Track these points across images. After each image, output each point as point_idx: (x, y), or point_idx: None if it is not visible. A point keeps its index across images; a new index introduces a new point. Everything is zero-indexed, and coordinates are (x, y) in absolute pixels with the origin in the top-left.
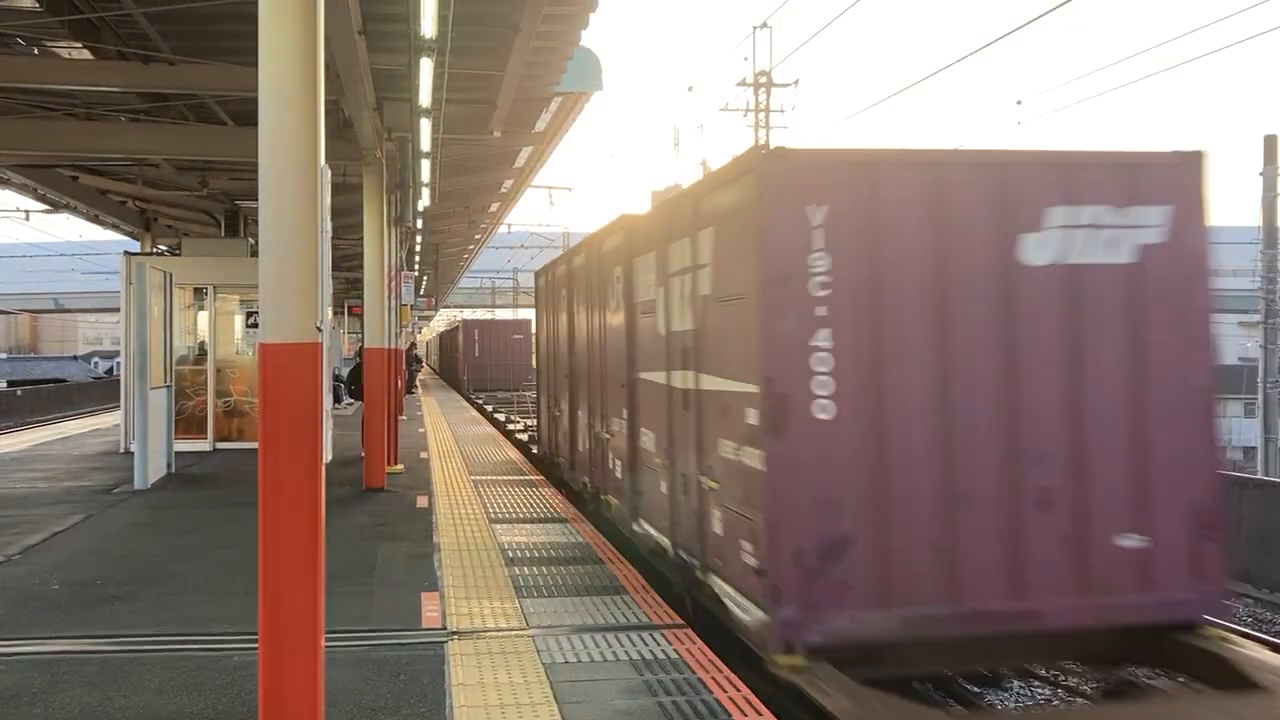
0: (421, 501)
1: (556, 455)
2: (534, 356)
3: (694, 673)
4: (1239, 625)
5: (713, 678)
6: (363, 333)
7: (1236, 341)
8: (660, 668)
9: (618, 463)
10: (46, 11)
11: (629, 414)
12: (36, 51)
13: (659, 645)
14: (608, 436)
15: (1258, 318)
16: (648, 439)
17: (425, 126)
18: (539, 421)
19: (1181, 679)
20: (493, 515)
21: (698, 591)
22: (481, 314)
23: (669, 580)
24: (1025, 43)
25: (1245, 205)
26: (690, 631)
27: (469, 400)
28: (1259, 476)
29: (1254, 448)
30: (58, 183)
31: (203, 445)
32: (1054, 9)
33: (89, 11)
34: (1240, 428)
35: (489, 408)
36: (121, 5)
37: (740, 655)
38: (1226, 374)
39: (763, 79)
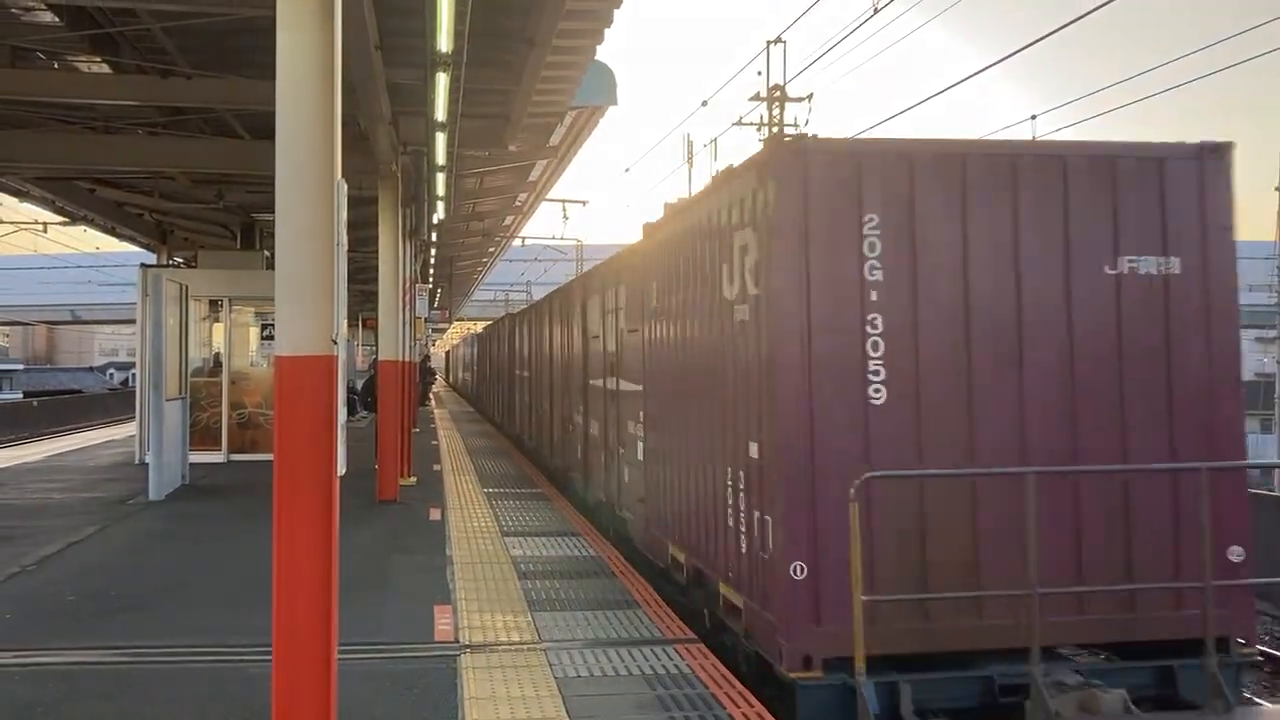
0: (434, 514)
1: None
2: None
3: (706, 688)
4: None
5: (725, 693)
6: (377, 345)
7: (1253, 357)
8: (673, 683)
9: None
10: (67, 26)
11: None
12: (56, 66)
13: (672, 660)
14: None
15: (1274, 333)
16: None
17: (440, 140)
18: None
19: None
20: (505, 528)
21: None
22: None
23: (681, 594)
24: (1042, 57)
25: (1263, 220)
26: (703, 646)
27: None
28: (1277, 494)
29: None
30: (76, 195)
31: (217, 457)
32: (1075, 21)
33: (108, 26)
34: (1257, 443)
35: None
36: (140, 20)
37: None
38: (1245, 389)
39: (776, 93)
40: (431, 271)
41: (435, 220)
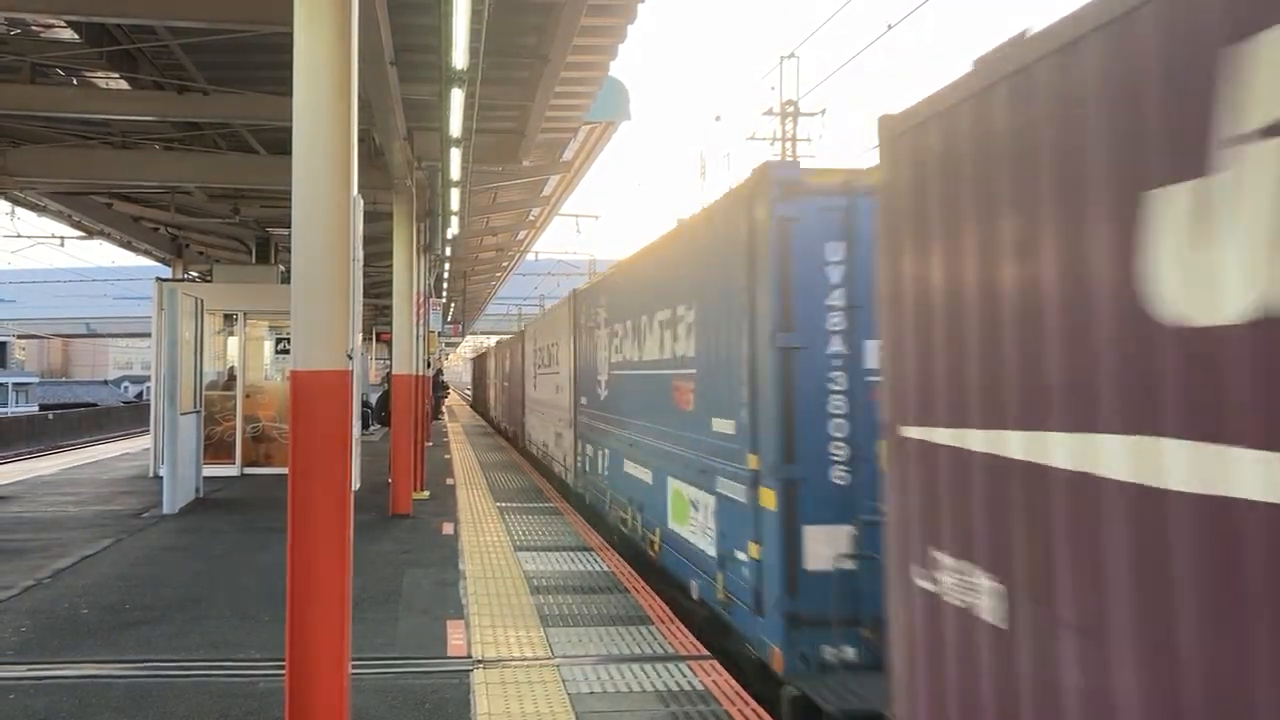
0: (447, 528)
1: None
2: None
3: (720, 705)
4: None
5: (739, 710)
6: (390, 359)
7: None
8: (687, 699)
9: None
10: (85, 43)
11: None
12: (75, 81)
13: (685, 676)
14: None
15: None
16: None
17: (455, 156)
18: None
19: None
20: (518, 543)
21: None
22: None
23: (694, 610)
24: None
25: None
26: (716, 663)
27: None
28: None
29: None
30: (92, 209)
31: (231, 470)
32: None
33: (126, 43)
34: None
35: None
36: (159, 37)
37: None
38: None
39: (789, 108)
40: (445, 286)
41: (449, 235)
